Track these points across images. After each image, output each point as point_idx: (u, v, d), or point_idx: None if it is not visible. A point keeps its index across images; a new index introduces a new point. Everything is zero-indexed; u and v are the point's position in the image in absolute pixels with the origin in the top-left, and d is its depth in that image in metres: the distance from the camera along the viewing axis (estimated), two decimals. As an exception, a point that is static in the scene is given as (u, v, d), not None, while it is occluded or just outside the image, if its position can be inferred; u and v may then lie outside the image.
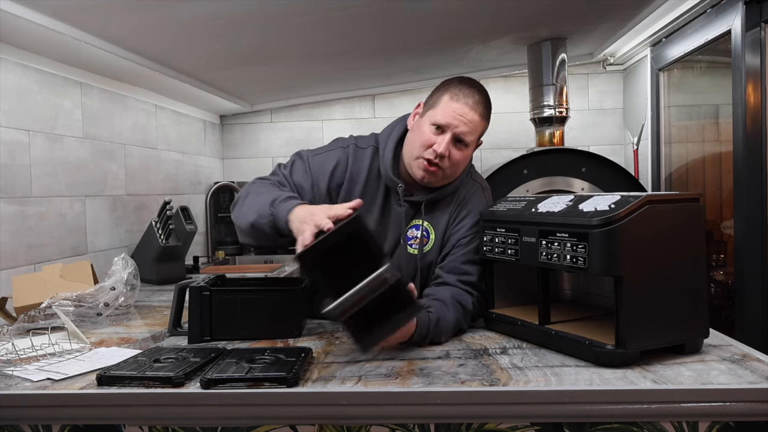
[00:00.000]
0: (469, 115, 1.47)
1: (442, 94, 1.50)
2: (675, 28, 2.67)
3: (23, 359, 1.31)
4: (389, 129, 1.63)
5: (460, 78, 1.53)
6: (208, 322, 1.45)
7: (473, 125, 1.48)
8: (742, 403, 1.03)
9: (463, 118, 1.46)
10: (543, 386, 1.07)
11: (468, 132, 1.47)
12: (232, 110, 3.68)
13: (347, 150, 1.59)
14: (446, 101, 1.48)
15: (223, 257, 3.39)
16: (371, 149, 1.60)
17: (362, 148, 1.60)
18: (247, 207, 1.47)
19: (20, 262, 2.02)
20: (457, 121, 1.46)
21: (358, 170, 1.57)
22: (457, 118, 1.46)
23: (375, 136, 1.64)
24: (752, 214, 2.07)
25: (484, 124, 1.51)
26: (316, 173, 1.56)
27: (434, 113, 1.49)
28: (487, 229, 1.45)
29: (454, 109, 1.46)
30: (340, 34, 2.40)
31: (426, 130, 1.49)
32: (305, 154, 1.60)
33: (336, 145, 1.62)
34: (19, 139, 2.04)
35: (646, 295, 1.16)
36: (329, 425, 1.09)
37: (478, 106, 1.48)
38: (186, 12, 1.93)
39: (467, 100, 1.47)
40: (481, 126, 1.50)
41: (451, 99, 1.48)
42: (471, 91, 1.49)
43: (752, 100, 2.07)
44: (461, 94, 1.48)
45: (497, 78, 3.55)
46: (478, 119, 1.48)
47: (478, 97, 1.49)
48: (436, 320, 1.36)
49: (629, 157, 3.41)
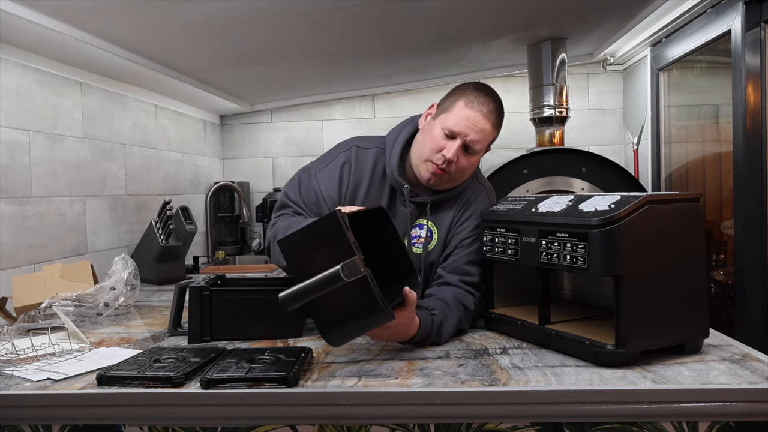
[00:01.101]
0: (482, 123, 1.47)
1: (457, 99, 1.49)
2: (675, 28, 2.67)
3: (23, 359, 1.31)
4: (398, 128, 1.63)
5: (476, 84, 1.52)
6: (208, 322, 1.45)
7: (485, 134, 1.48)
8: (742, 403, 1.03)
9: (475, 126, 1.46)
10: (543, 386, 1.07)
11: (479, 140, 1.48)
12: (232, 110, 3.68)
13: (349, 153, 1.60)
14: (460, 107, 1.48)
15: (223, 257, 3.39)
16: (375, 150, 1.60)
17: (365, 149, 1.60)
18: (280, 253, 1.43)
19: (20, 262, 2.02)
20: (468, 129, 1.46)
21: (362, 171, 1.58)
22: (470, 127, 1.46)
23: (382, 139, 1.64)
24: (752, 214, 2.07)
25: (495, 133, 1.52)
26: (326, 188, 1.57)
27: (447, 118, 1.48)
28: (488, 229, 1.45)
29: (468, 116, 1.46)
30: (340, 34, 2.40)
31: (437, 134, 1.49)
32: (312, 171, 1.61)
33: (337, 152, 1.62)
34: (19, 139, 2.04)
35: (646, 295, 1.16)
36: (329, 425, 1.09)
37: (492, 115, 1.48)
38: (186, 12, 1.93)
39: (482, 108, 1.47)
40: (492, 135, 1.51)
41: (466, 106, 1.47)
42: (486, 99, 1.48)
43: (752, 100, 2.07)
44: (476, 101, 1.47)
45: (497, 78, 3.55)
46: (490, 128, 1.48)
47: (492, 106, 1.48)
48: (439, 323, 1.35)
49: (629, 157, 3.41)
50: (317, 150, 3.68)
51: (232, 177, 3.81)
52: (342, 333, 1.19)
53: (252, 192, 3.81)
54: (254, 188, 3.82)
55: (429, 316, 1.34)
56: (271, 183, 3.80)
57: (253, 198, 3.80)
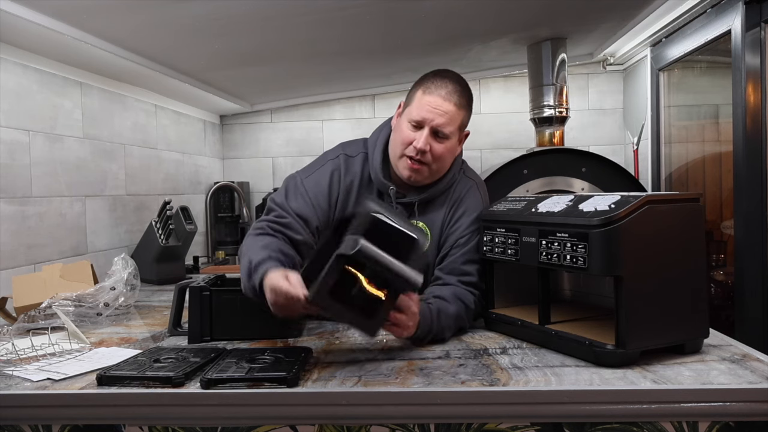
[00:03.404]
0: (444, 106, 1.46)
1: (416, 90, 1.50)
2: (675, 28, 2.67)
3: (23, 359, 1.31)
4: (377, 133, 1.62)
5: (434, 71, 1.52)
6: (209, 322, 1.45)
7: (449, 116, 1.47)
8: (742, 403, 1.03)
9: (437, 110, 1.46)
10: (543, 386, 1.07)
11: (445, 123, 1.46)
12: (232, 110, 3.68)
13: (337, 161, 1.58)
14: (420, 96, 1.48)
15: (223, 257, 3.39)
16: (361, 156, 1.59)
17: (352, 157, 1.59)
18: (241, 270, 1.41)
19: (20, 262, 2.02)
20: (432, 115, 1.46)
21: (351, 179, 1.57)
22: (432, 111, 1.46)
23: (363, 142, 1.63)
24: (752, 214, 2.07)
25: (462, 113, 1.50)
26: (313, 194, 1.53)
27: (410, 110, 1.49)
28: (487, 229, 1.45)
29: (428, 102, 1.46)
30: (340, 34, 2.40)
31: (404, 128, 1.49)
32: (298, 178, 1.57)
33: (325, 160, 1.60)
34: (19, 139, 2.04)
35: (646, 295, 1.16)
36: (329, 425, 1.09)
37: (452, 95, 1.47)
38: (186, 12, 1.93)
39: (440, 92, 1.46)
40: (458, 115, 1.49)
41: (424, 93, 1.48)
42: (443, 82, 1.48)
43: (752, 100, 2.07)
44: (433, 86, 1.47)
45: (497, 78, 3.55)
46: (453, 109, 1.47)
47: (451, 87, 1.47)
48: (437, 311, 1.36)
49: (629, 157, 3.41)
50: (317, 150, 3.68)
51: (232, 177, 3.81)
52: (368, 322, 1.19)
53: (252, 192, 3.81)
54: (254, 188, 3.82)
55: (425, 306, 1.35)
56: (271, 183, 3.80)
57: (253, 198, 3.80)
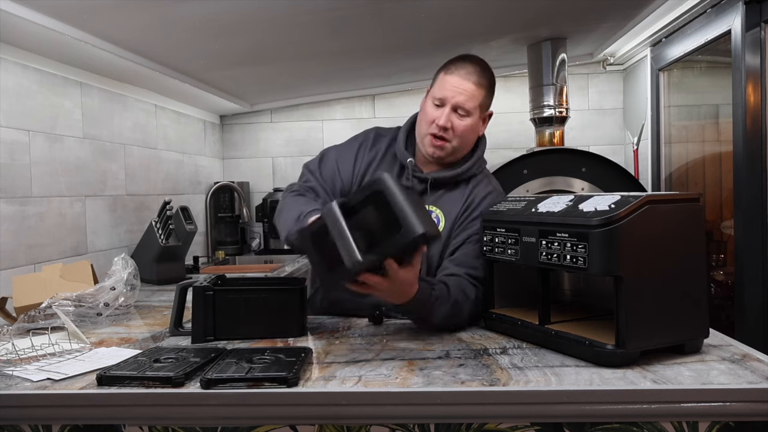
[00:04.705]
0: (464, 84, 1.56)
1: (439, 72, 1.62)
2: (675, 28, 2.67)
3: (23, 359, 1.31)
4: (411, 117, 1.74)
5: (458, 56, 1.64)
6: (212, 322, 1.45)
7: (470, 93, 1.56)
8: (742, 403, 1.03)
9: (458, 88, 1.56)
10: (543, 386, 1.07)
11: (465, 100, 1.56)
12: (232, 110, 3.68)
13: (367, 135, 1.73)
14: (442, 77, 1.60)
15: (223, 257, 3.39)
16: (391, 136, 1.72)
17: (382, 136, 1.73)
18: (281, 225, 1.56)
19: (20, 262, 2.02)
20: (453, 93, 1.56)
21: (375, 152, 1.69)
22: (453, 90, 1.56)
23: (398, 128, 1.75)
24: (752, 214, 2.07)
25: (483, 92, 1.59)
26: (342, 160, 1.69)
27: (434, 90, 1.61)
28: (488, 229, 1.45)
29: (449, 81, 1.57)
30: (340, 34, 2.40)
31: (428, 108, 1.60)
32: (332, 149, 1.75)
33: (358, 136, 1.76)
34: (19, 139, 2.04)
35: (646, 295, 1.16)
36: (329, 425, 1.09)
37: (472, 75, 1.57)
38: (186, 12, 1.93)
39: (460, 72, 1.58)
40: (479, 93, 1.58)
41: (446, 74, 1.59)
42: (464, 63, 1.60)
43: (752, 100, 2.07)
44: (454, 67, 1.59)
45: (497, 78, 3.54)
46: (473, 87, 1.57)
47: (470, 68, 1.58)
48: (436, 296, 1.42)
49: (629, 157, 3.41)
50: (317, 150, 3.66)
51: (232, 177, 3.81)
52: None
53: (252, 192, 3.81)
54: (254, 188, 3.82)
55: (428, 287, 1.41)
56: (271, 183, 3.80)
57: (253, 198, 3.80)
